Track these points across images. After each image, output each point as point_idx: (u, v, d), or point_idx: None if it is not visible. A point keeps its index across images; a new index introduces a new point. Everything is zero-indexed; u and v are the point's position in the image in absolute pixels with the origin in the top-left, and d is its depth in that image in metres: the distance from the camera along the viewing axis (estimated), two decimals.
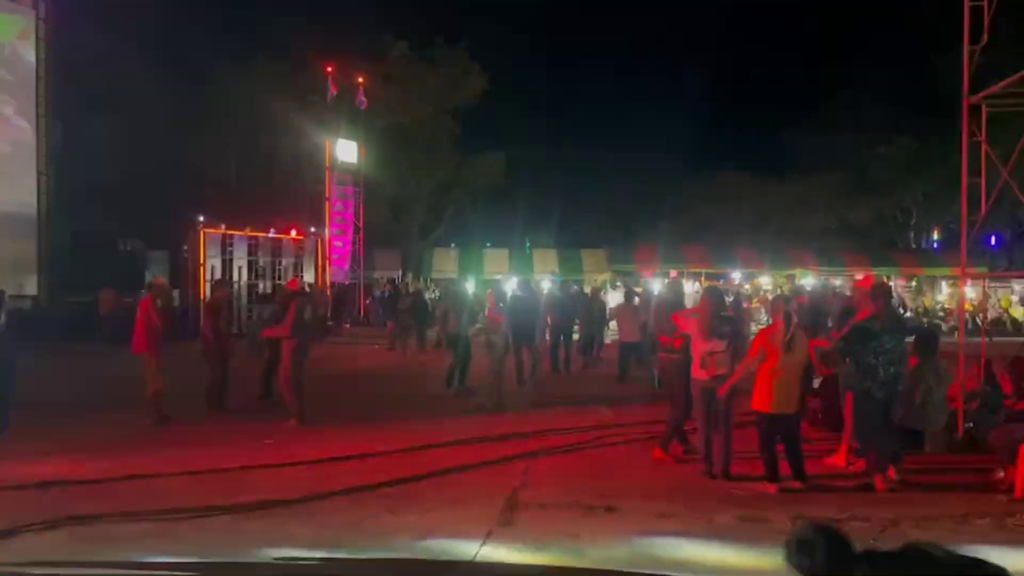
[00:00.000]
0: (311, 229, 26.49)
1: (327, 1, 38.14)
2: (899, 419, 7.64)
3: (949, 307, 26.53)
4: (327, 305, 24.57)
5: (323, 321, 21.21)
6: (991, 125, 8.49)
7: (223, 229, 22.48)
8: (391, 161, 32.68)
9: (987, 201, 8.58)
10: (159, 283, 11.15)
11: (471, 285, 23.44)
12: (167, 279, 14.56)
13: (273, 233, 24.11)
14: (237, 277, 22.30)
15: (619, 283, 30.50)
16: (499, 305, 12.07)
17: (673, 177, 40.92)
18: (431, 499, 6.55)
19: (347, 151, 28.53)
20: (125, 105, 26.17)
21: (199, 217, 22.02)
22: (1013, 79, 8.01)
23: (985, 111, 8.50)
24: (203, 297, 20.15)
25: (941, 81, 26.56)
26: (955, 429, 8.39)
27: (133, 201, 25.69)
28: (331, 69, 27.60)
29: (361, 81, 28.74)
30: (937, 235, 40.24)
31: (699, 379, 7.39)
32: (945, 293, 29.79)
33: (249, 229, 23.20)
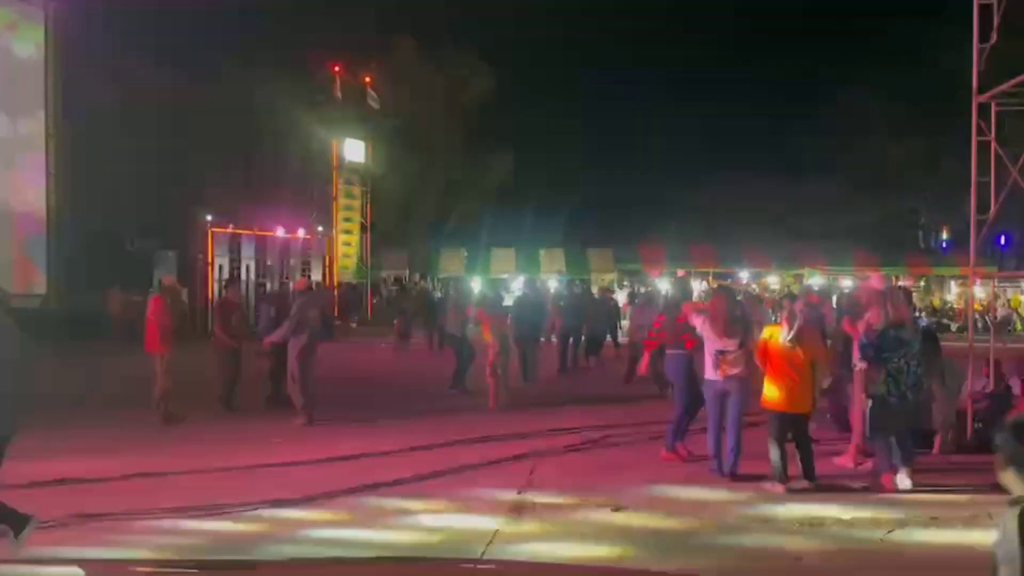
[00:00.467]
0: (319, 228, 26.53)
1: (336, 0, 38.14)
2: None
3: (958, 307, 26.42)
4: (334, 304, 24.61)
5: (330, 321, 21.23)
6: (1000, 123, 8.46)
7: (231, 229, 22.54)
8: (399, 160, 32.70)
9: (996, 200, 8.55)
10: (169, 282, 11.18)
11: (477, 284, 23.44)
12: (176, 279, 14.58)
13: (281, 232, 24.15)
14: (245, 276, 22.36)
15: (626, 282, 30.43)
16: (494, 308, 12.07)
17: (681, 176, 40.89)
18: (438, 498, 6.55)
19: (355, 150, 28.57)
20: (133, 104, 26.23)
21: (207, 217, 22.07)
22: (1022, 77, 7.97)
23: (995, 109, 8.46)
24: (211, 297, 20.20)
25: (950, 80, 26.42)
26: (964, 429, 8.35)
27: (141, 201, 25.74)
28: (338, 69, 27.64)
29: (368, 81, 28.78)
30: (946, 234, 40.03)
31: (712, 380, 7.31)
32: (954, 293, 29.67)
33: (257, 228, 23.26)
